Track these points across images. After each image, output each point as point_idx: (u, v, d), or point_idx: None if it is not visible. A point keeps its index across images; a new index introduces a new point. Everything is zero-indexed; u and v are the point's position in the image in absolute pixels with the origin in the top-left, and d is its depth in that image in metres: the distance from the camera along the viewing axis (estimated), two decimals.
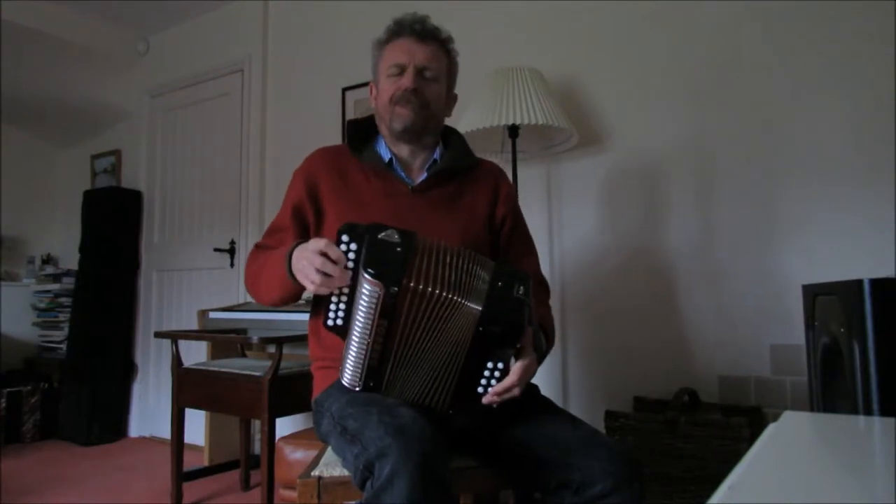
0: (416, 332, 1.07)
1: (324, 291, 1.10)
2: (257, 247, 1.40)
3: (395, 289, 1.03)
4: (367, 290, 1.04)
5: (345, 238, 1.09)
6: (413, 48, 1.33)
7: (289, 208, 1.38)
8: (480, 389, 1.11)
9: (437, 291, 1.05)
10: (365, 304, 1.05)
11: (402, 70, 1.33)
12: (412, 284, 1.04)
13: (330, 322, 1.13)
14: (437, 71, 1.35)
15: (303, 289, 1.20)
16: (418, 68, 1.33)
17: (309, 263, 1.09)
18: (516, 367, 1.10)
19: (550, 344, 1.32)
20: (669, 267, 2.13)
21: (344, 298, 1.11)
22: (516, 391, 1.10)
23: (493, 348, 1.08)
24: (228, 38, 3.49)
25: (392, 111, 1.34)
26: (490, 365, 1.09)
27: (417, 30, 1.33)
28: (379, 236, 1.07)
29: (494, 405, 1.11)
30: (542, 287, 1.46)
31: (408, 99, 1.32)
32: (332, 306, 1.12)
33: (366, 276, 1.03)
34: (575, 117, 2.23)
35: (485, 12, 2.57)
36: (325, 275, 1.08)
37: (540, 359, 1.22)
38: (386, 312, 1.05)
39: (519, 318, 1.06)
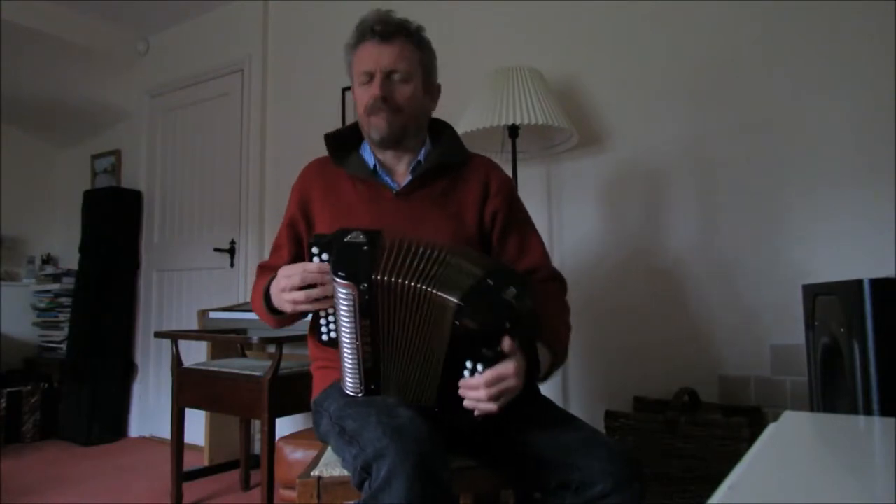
0: (395, 327, 1.07)
1: (311, 307, 1.13)
2: (260, 267, 1.42)
3: (365, 285, 1.04)
4: (343, 293, 1.05)
5: (314, 250, 1.12)
6: (377, 52, 1.29)
7: (285, 226, 1.40)
8: (461, 391, 1.07)
9: (409, 283, 1.04)
10: (344, 307, 1.06)
11: (370, 77, 1.30)
12: (381, 278, 1.04)
13: (324, 338, 1.16)
14: (406, 71, 1.30)
15: (294, 316, 1.26)
16: (385, 73, 1.29)
17: (288, 291, 1.13)
18: (487, 371, 1.02)
19: (560, 359, 1.24)
20: (669, 267, 2.13)
21: (331, 310, 1.12)
22: (491, 406, 1.02)
23: (470, 347, 1.04)
24: (228, 38, 3.49)
25: (368, 122, 1.32)
26: (469, 365, 1.05)
27: (378, 31, 1.28)
28: (345, 240, 1.09)
29: (475, 413, 1.05)
30: (555, 281, 1.39)
31: (379, 108, 1.29)
32: (322, 321, 1.15)
33: (337, 279, 1.05)
34: (575, 117, 2.23)
35: (485, 12, 2.57)
36: (310, 289, 1.11)
37: (535, 375, 1.14)
38: (365, 311, 1.06)
39: (498, 318, 1.02)
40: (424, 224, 1.29)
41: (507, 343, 1.04)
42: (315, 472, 1.19)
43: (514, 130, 2.08)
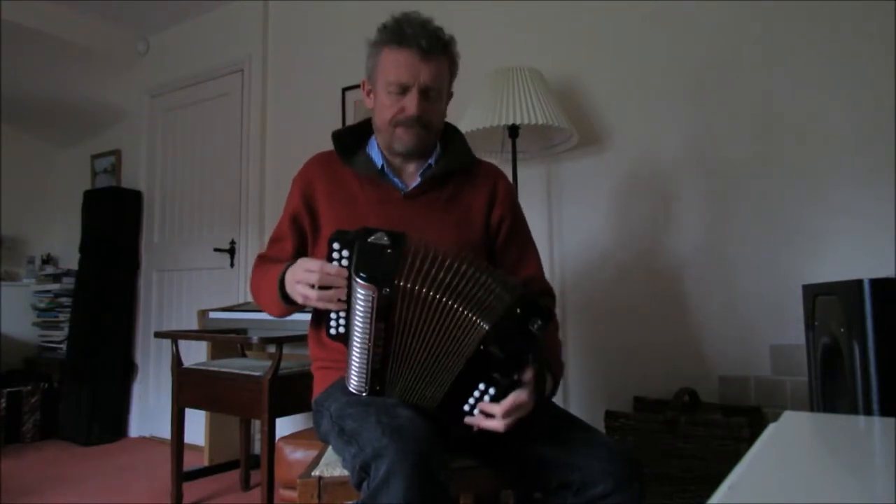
0: (412, 334, 1.07)
1: (322, 305, 1.12)
2: (260, 258, 1.41)
3: (388, 290, 1.04)
4: (362, 294, 1.04)
5: (336, 246, 1.10)
6: (418, 66, 1.25)
7: (287, 218, 1.39)
8: (467, 408, 1.09)
9: (436, 295, 1.04)
10: (361, 308, 1.05)
11: (403, 89, 1.27)
12: (405, 285, 1.04)
13: (332, 332, 1.15)
14: (440, 88, 1.30)
15: (303, 305, 1.23)
16: (422, 89, 1.27)
17: (304, 284, 1.12)
18: (507, 399, 1.05)
19: (557, 379, 1.25)
20: (669, 267, 2.13)
21: (343, 307, 1.11)
22: (497, 423, 1.05)
23: (489, 371, 1.06)
24: (228, 38, 3.49)
25: (392, 133, 1.30)
26: (482, 387, 1.07)
27: (424, 46, 1.24)
28: (368, 240, 1.08)
29: (474, 428, 1.08)
30: (547, 296, 1.41)
31: (411, 125, 1.28)
32: (333, 315, 1.14)
33: (358, 280, 1.04)
34: (575, 117, 2.23)
35: (485, 12, 2.57)
36: (323, 288, 1.10)
37: (539, 400, 1.16)
38: (382, 315, 1.05)
39: (524, 351, 1.04)
40: (431, 227, 1.28)
41: (528, 375, 1.07)
42: (316, 472, 1.19)
43: (514, 130, 2.08)
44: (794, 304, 1.76)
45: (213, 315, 2.79)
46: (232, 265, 3.36)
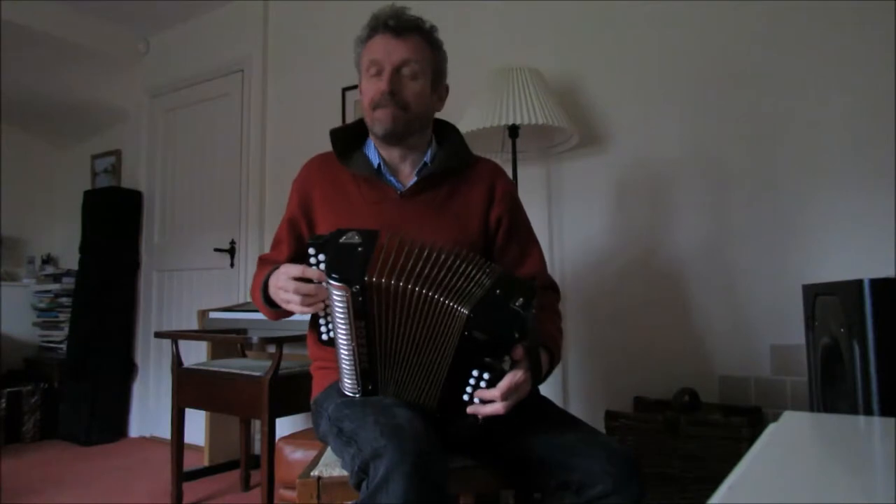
0: (394, 330, 1.07)
1: (308, 310, 1.13)
2: (260, 259, 1.41)
3: (358, 287, 1.03)
4: (337, 295, 1.05)
5: (312, 251, 1.10)
6: (389, 46, 1.27)
7: (285, 222, 1.39)
8: (465, 398, 1.08)
9: (410, 286, 1.04)
10: (339, 309, 1.06)
11: (379, 70, 1.28)
12: (375, 280, 1.04)
13: (324, 337, 1.15)
14: (417, 67, 1.29)
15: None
16: (395, 67, 1.27)
17: (285, 291, 1.13)
18: (503, 381, 1.04)
19: (556, 361, 1.26)
20: (669, 268, 2.13)
21: (324, 307, 1.12)
22: (498, 406, 1.05)
23: (479, 357, 1.05)
24: (228, 38, 3.49)
25: (372, 116, 1.30)
26: (475, 374, 1.06)
27: (392, 25, 1.27)
28: (340, 241, 1.08)
29: (479, 417, 1.07)
30: (551, 290, 1.41)
31: (385, 102, 1.27)
32: (322, 320, 1.14)
33: (331, 282, 1.04)
34: (575, 117, 2.23)
35: (485, 12, 2.57)
36: (306, 295, 1.10)
37: (537, 379, 1.17)
38: (359, 313, 1.05)
39: (509, 330, 1.03)
40: (428, 226, 1.28)
41: (518, 352, 1.06)
42: (315, 472, 1.19)
43: (514, 130, 2.08)
44: (794, 304, 1.76)
45: (213, 315, 2.79)
46: (232, 265, 3.36)
